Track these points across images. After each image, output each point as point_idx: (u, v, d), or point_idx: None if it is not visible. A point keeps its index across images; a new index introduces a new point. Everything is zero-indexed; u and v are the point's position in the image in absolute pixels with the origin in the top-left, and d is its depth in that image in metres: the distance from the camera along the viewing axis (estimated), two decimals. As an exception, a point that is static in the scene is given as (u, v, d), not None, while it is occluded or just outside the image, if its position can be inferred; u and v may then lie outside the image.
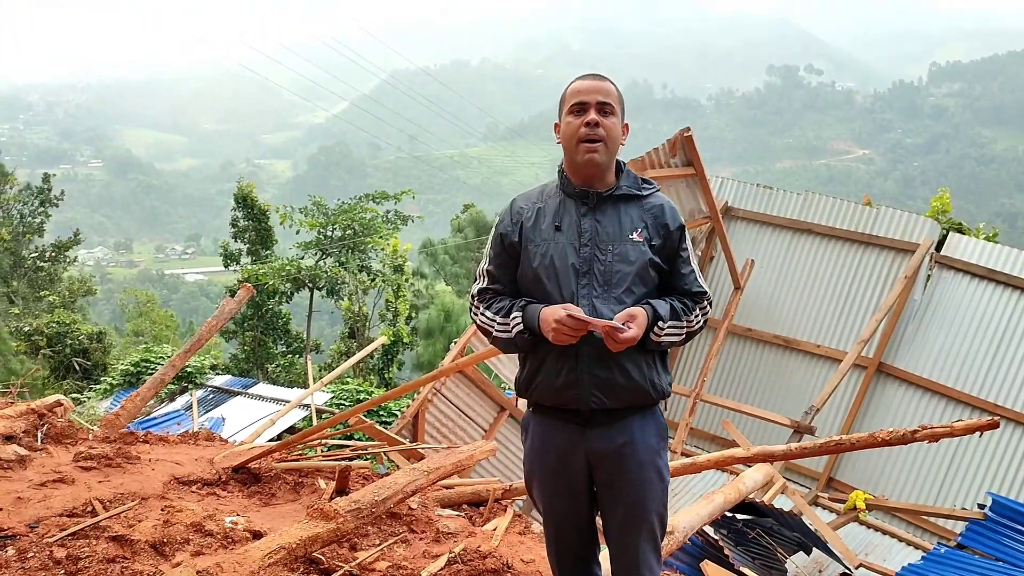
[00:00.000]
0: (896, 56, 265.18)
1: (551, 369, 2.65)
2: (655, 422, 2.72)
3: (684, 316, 2.68)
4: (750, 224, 11.28)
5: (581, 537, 2.80)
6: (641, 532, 2.68)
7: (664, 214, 2.72)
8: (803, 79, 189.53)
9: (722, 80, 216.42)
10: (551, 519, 2.82)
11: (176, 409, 12.92)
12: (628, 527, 2.69)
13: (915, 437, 4.85)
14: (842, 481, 10.25)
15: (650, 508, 2.68)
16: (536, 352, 2.70)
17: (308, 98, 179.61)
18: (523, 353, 2.76)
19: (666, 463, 2.74)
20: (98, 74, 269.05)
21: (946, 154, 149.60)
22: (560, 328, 2.50)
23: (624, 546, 2.70)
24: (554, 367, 2.64)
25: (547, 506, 2.80)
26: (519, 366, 2.83)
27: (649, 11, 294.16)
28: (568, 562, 2.84)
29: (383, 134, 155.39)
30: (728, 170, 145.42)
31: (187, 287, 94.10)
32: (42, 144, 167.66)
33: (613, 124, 2.67)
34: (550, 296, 2.65)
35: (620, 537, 2.71)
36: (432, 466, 4.27)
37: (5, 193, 30.95)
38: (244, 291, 7.92)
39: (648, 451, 2.67)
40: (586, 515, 2.78)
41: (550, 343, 2.59)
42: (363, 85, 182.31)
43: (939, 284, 10.11)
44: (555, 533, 2.82)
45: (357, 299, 27.93)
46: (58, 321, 22.36)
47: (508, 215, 2.81)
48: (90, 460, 5.25)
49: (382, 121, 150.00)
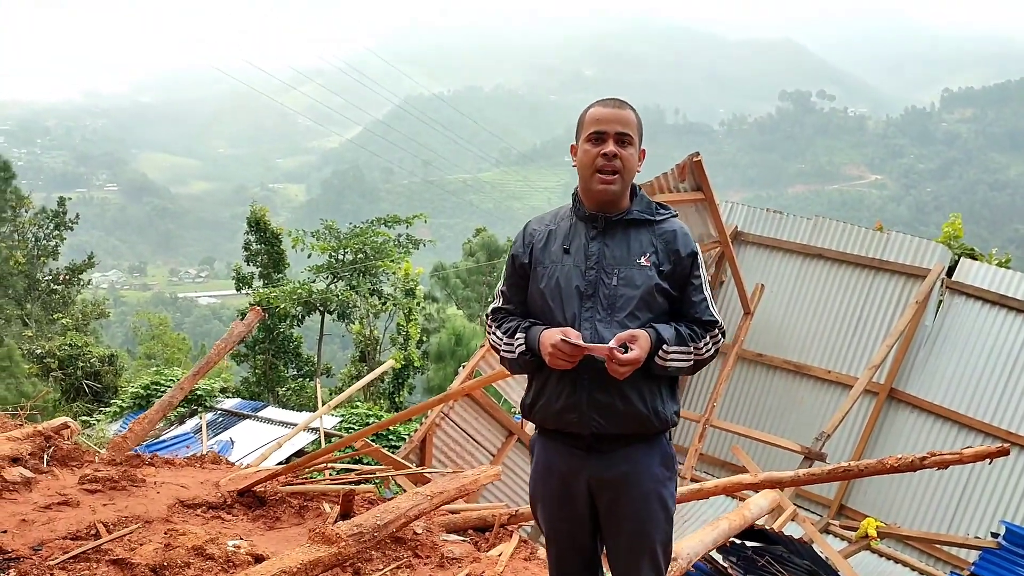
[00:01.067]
0: (908, 82, 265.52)
1: (552, 392, 2.64)
2: (661, 451, 2.69)
3: (692, 342, 2.63)
4: (760, 249, 11.26)
5: (583, 562, 2.79)
6: (642, 561, 2.65)
7: (676, 240, 2.70)
8: (815, 104, 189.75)
9: (734, 106, 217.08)
10: (553, 542, 2.81)
11: (185, 432, 12.94)
12: (630, 555, 2.66)
13: (924, 464, 4.80)
14: (854, 508, 10.14)
15: (653, 538, 2.65)
16: (539, 374, 2.70)
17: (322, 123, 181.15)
18: (529, 374, 2.77)
19: (672, 493, 2.70)
20: (115, 99, 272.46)
21: (959, 180, 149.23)
22: (555, 353, 2.49)
23: (626, 574, 2.68)
24: (555, 390, 2.63)
25: (549, 529, 2.79)
26: (526, 388, 2.83)
27: (662, 39, 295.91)
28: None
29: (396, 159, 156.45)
30: (740, 195, 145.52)
31: (200, 310, 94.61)
32: (59, 168, 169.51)
33: (631, 155, 2.66)
34: (554, 318, 2.64)
35: (622, 565, 2.69)
36: (436, 490, 4.25)
37: (21, 216, 31.18)
38: (253, 314, 7.93)
39: (652, 480, 2.64)
40: (588, 540, 2.75)
41: (550, 368, 2.59)
42: (377, 111, 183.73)
43: (951, 310, 10.05)
44: (557, 556, 2.81)
45: (368, 323, 27.98)
46: (70, 344, 22.51)
47: (521, 237, 2.83)
48: (95, 483, 5.25)
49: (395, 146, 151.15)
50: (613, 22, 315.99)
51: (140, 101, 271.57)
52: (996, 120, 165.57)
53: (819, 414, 10.45)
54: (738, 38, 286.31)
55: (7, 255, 28.36)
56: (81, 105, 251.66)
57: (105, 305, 35.31)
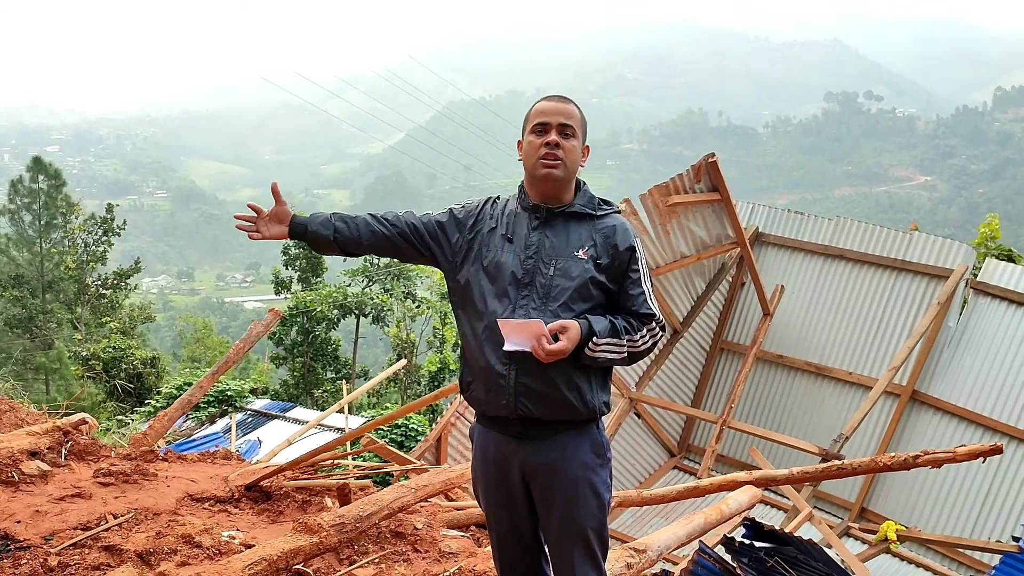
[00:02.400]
0: (958, 82, 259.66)
1: (483, 377, 2.72)
2: (591, 438, 2.75)
3: (626, 334, 2.68)
4: (781, 250, 11.20)
5: (523, 547, 2.87)
6: (575, 547, 2.71)
7: (615, 234, 2.76)
8: (862, 105, 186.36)
9: (779, 107, 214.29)
10: (493, 528, 2.90)
11: (216, 432, 13.23)
12: (562, 541, 2.73)
13: (916, 462, 4.79)
14: (874, 511, 10.03)
15: (584, 524, 2.70)
16: (470, 363, 2.79)
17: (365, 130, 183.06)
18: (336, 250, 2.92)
19: (604, 480, 2.76)
20: (165, 108, 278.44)
21: (1012, 180, 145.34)
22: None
23: (561, 560, 2.75)
24: (486, 375, 2.70)
25: (489, 515, 2.89)
26: (459, 365, 2.93)
27: (703, 41, 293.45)
28: (510, 570, 2.91)
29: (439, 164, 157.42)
30: (786, 197, 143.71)
31: (246, 314, 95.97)
32: (111, 176, 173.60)
33: (573, 147, 2.74)
34: (487, 302, 2.72)
35: (557, 551, 2.76)
36: (420, 483, 4.37)
37: (71, 223, 32.03)
38: (272, 315, 8.15)
39: (582, 467, 2.70)
40: (527, 525, 2.83)
41: (480, 351, 2.70)
42: (419, 117, 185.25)
43: (975, 311, 9.89)
44: (498, 541, 2.91)
45: (405, 326, 28.30)
46: (114, 346, 23.09)
47: (478, 209, 2.90)
48: (109, 476, 5.45)
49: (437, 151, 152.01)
50: (656, 27, 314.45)
51: (190, 110, 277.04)
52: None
53: (840, 416, 10.35)
54: (783, 40, 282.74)
55: (58, 260, 29.17)
56: (133, 114, 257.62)
57: (152, 309, 36.03)
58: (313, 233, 2.86)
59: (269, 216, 2.86)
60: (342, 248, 2.90)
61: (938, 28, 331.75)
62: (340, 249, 2.90)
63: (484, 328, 2.71)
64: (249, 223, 2.84)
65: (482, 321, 2.72)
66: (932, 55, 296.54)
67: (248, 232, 2.84)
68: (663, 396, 11.25)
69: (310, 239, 2.88)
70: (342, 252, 2.94)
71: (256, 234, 2.84)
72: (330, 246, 2.88)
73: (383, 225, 2.88)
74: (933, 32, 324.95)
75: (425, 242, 2.87)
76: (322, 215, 2.90)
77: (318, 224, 2.86)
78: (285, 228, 2.85)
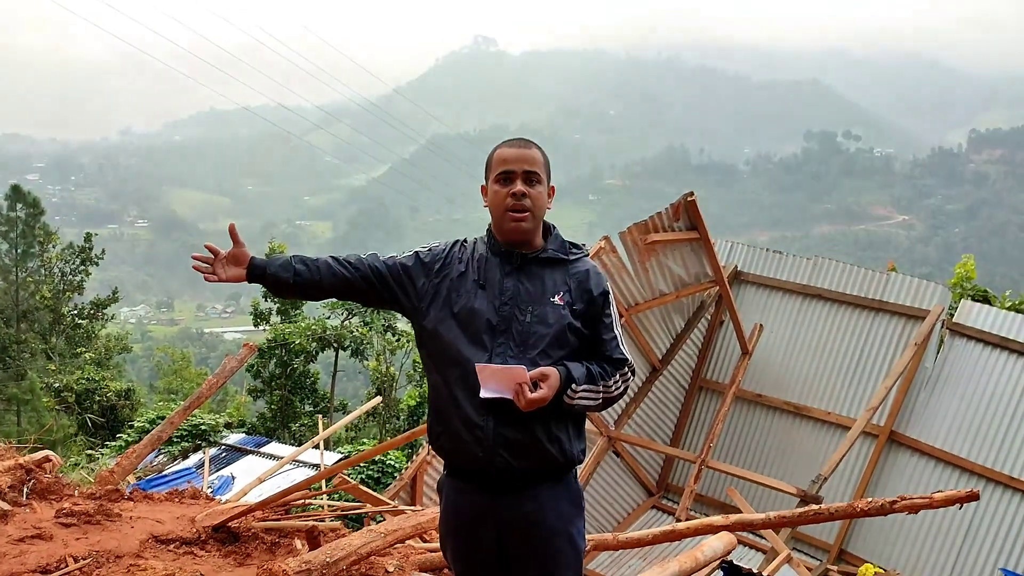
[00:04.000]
0: (934, 123, 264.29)
1: (458, 426, 2.63)
2: (567, 489, 2.68)
3: (601, 381, 2.64)
4: (760, 289, 11.22)
5: None
6: None
7: (589, 279, 2.71)
8: (841, 144, 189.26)
9: (759, 145, 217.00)
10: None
11: (188, 467, 13.01)
12: None
13: (893, 508, 4.73)
14: (853, 553, 9.96)
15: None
16: (441, 412, 2.69)
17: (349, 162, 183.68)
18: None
19: (580, 530, 2.70)
20: (148, 137, 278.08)
21: (988, 221, 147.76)
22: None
23: None
24: (461, 424, 2.62)
25: (460, 572, 2.78)
26: (428, 414, 2.82)
27: (685, 79, 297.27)
28: None
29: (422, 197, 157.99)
30: (766, 235, 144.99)
31: (226, 345, 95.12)
32: (91, 205, 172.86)
33: (539, 193, 2.69)
34: (461, 350, 2.63)
35: None
36: (390, 528, 4.27)
37: (48, 252, 31.71)
38: (246, 350, 8.03)
39: (559, 518, 2.64)
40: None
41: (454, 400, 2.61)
42: (403, 150, 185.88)
43: (951, 352, 9.93)
44: None
45: (385, 359, 28.08)
46: (88, 378, 22.76)
47: (445, 253, 2.80)
48: (71, 517, 5.31)
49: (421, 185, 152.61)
50: (639, 64, 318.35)
51: (173, 140, 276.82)
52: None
53: (818, 456, 10.31)
54: (763, 79, 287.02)
55: (34, 289, 28.85)
56: (115, 143, 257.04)
57: (131, 339, 35.61)
58: (272, 276, 2.76)
59: (227, 258, 2.77)
60: (302, 291, 2.79)
61: (914, 69, 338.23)
62: (300, 292, 2.79)
63: (458, 376, 2.62)
64: (206, 264, 2.75)
65: (456, 369, 2.63)
66: (908, 96, 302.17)
67: (204, 274, 2.74)
68: (642, 435, 11.19)
69: (269, 282, 2.77)
70: (302, 295, 2.84)
71: (212, 276, 2.74)
72: (290, 289, 2.77)
73: (345, 268, 2.78)
74: (910, 73, 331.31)
75: (388, 286, 2.78)
76: (282, 257, 2.80)
77: (277, 267, 2.76)
78: (243, 270, 2.75)
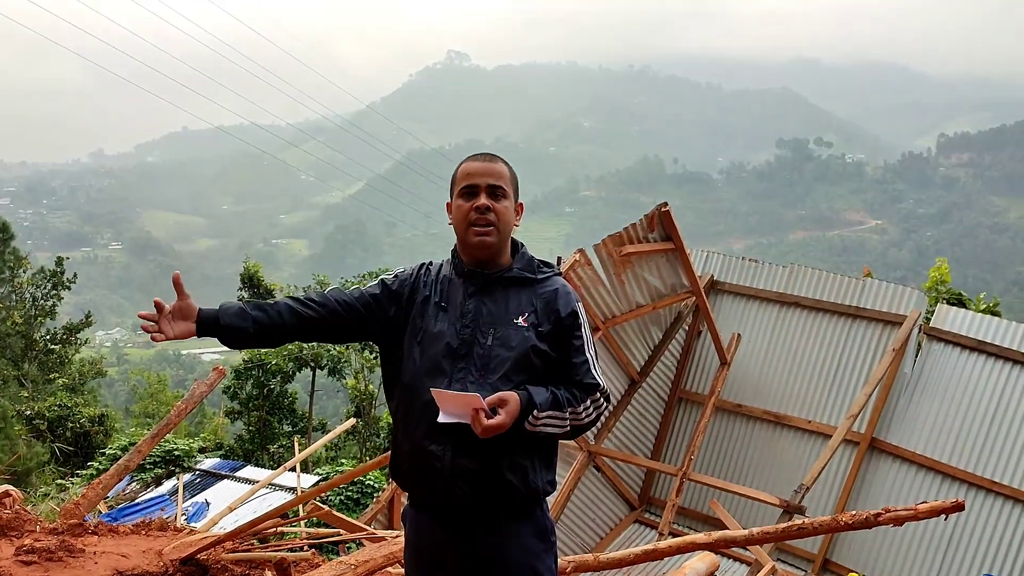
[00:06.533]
0: (903, 128, 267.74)
1: (414, 458, 2.51)
2: (534, 523, 2.55)
3: (569, 407, 2.49)
4: (737, 298, 11.16)
5: None
6: None
7: (556, 299, 2.58)
8: (813, 151, 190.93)
9: (733, 154, 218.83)
10: None
11: (162, 494, 12.74)
12: None
13: (878, 521, 4.63)
14: (838, 563, 9.88)
15: None
16: (400, 442, 2.57)
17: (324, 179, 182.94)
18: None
19: (549, 567, 2.56)
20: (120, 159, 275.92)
21: (959, 224, 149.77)
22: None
23: None
24: (418, 457, 2.50)
25: None
26: (391, 444, 2.68)
27: (658, 90, 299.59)
28: None
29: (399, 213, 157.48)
30: (741, 242, 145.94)
31: (203, 366, 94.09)
32: (64, 228, 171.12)
33: (505, 208, 2.59)
34: (417, 369, 2.51)
35: None
36: (360, 559, 4.11)
37: (19, 277, 31.21)
38: (215, 374, 7.83)
39: (525, 554, 2.51)
40: None
41: (412, 429, 2.48)
42: (378, 166, 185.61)
43: (929, 356, 9.91)
44: None
45: (364, 377, 27.81)
46: (60, 404, 22.33)
47: (411, 278, 2.69)
48: (32, 554, 5.09)
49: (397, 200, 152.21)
50: (613, 76, 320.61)
51: (145, 161, 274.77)
52: (993, 164, 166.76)
53: (800, 465, 10.23)
54: (735, 88, 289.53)
55: (4, 315, 28.36)
56: (87, 165, 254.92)
57: (106, 363, 35.10)
58: (226, 327, 2.50)
59: (172, 312, 2.48)
60: (261, 339, 2.55)
61: (884, 75, 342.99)
62: (259, 340, 2.56)
63: (416, 403, 2.50)
64: (152, 323, 2.47)
65: (416, 398, 2.51)
66: (878, 102, 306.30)
67: (150, 333, 2.46)
68: (622, 448, 11.07)
69: (223, 333, 2.51)
70: (260, 344, 2.59)
71: (159, 335, 2.45)
72: (248, 338, 2.54)
73: (309, 308, 2.59)
74: (879, 79, 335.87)
75: (361, 318, 2.62)
76: (233, 305, 2.55)
77: (231, 316, 2.50)
78: (192, 324, 2.47)
